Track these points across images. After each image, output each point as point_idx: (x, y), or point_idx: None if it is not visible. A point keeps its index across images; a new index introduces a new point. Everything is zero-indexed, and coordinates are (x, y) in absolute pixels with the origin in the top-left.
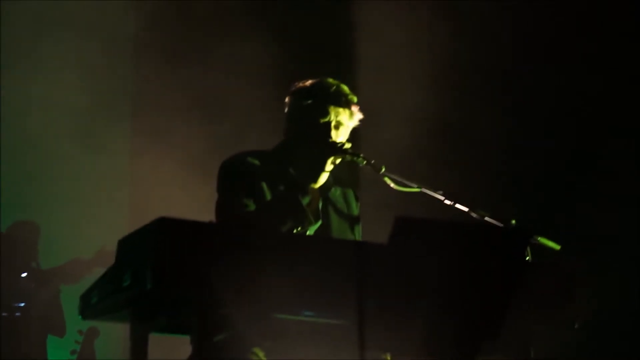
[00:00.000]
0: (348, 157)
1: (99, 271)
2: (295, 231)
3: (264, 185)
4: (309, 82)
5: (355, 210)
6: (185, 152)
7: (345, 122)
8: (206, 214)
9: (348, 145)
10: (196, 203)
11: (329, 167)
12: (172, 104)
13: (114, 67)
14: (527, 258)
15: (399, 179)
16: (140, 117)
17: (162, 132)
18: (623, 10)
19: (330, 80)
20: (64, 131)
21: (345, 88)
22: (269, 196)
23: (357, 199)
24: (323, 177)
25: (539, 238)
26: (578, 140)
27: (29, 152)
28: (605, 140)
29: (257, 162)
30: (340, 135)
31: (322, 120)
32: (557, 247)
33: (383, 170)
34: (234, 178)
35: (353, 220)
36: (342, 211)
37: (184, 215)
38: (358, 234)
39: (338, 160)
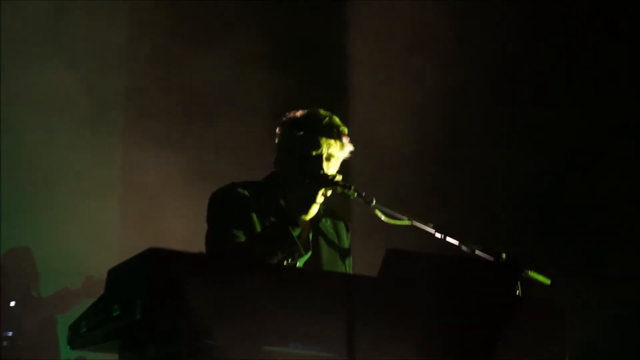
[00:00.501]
0: (339, 189)
1: (86, 301)
2: (285, 263)
3: (254, 216)
4: (300, 113)
5: (346, 241)
6: (177, 166)
7: (336, 154)
8: (198, 234)
9: (339, 178)
10: (189, 221)
11: (320, 199)
12: (165, 115)
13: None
14: (517, 292)
15: (390, 212)
16: (133, 129)
17: (155, 143)
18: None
19: (322, 111)
20: (53, 146)
21: (337, 119)
22: (259, 227)
23: (347, 229)
24: (314, 209)
25: (529, 272)
26: (572, 172)
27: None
28: (599, 176)
29: (247, 193)
30: (332, 167)
31: (314, 153)
32: (548, 281)
33: (374, 202)
34: (224, 209)
35: (344, 252)
36: (332, 242)
37: (176, 236)
38: (349, 266)
39: (329, 192)
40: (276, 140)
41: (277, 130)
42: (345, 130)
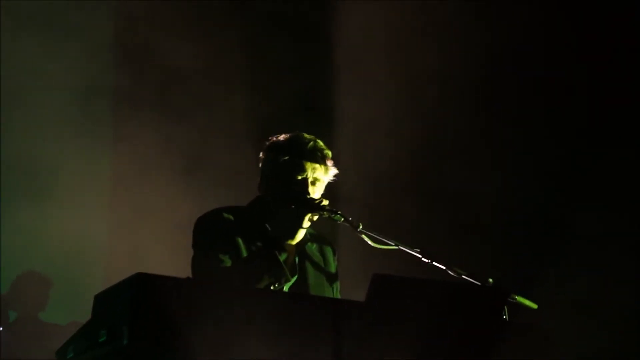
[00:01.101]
0: (325, 214)
1: None
2: (272, 287)
3: (240, 241)
4: (284, 137)
5: (333, 265)
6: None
7: (321, 178)
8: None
9: (326, 202)
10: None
11: (306, 223)
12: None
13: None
14: (504, 317)
15: (377, 236)
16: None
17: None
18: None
19: (306, 135)
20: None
21: (321, 143)
22: (244, 252)
23: (334, 253)
24: (300, 234)
25: (516, 297)
26: (558, 196)
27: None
28: (582, 199)
29: (232, 217)
30: (317, 191)
31: (299, 177)
32: (535, 306)
33: (360, 227)
34: (209, 234)
35: (330, 276)
36: (318, 266)
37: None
38: (336, 289)
39: (315, 217)
40: (260, 165)
41: (261, 155)
42: (330, 154)
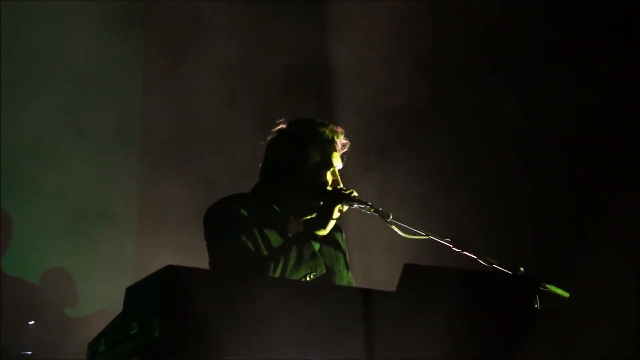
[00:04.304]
0: (355, 205)
1: None
2: (308, 278)
3: (255, 230)
4: (303, 124)
5: (343, 248)
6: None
7: (340, 166)
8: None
9: (356, 193)
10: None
11: (336, 214)
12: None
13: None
14: (536, 306)
15: (406, 227)
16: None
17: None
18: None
19: (328, 128)
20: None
21: (341, 134)
22: (261, 241)
23: (343, 237)
24: (331, 225)
25: (547, 285)
26: (583, 184)
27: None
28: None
29: (243, 208)
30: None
31: (328, 169)
32: (566, 294)
33: (391, 217)
34: (226, 223)
35: (342, 260)
36: (330, 251)
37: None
38: (349, 274)
39: (345, 208)
40: (271, 150)
41: (274, 139)
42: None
